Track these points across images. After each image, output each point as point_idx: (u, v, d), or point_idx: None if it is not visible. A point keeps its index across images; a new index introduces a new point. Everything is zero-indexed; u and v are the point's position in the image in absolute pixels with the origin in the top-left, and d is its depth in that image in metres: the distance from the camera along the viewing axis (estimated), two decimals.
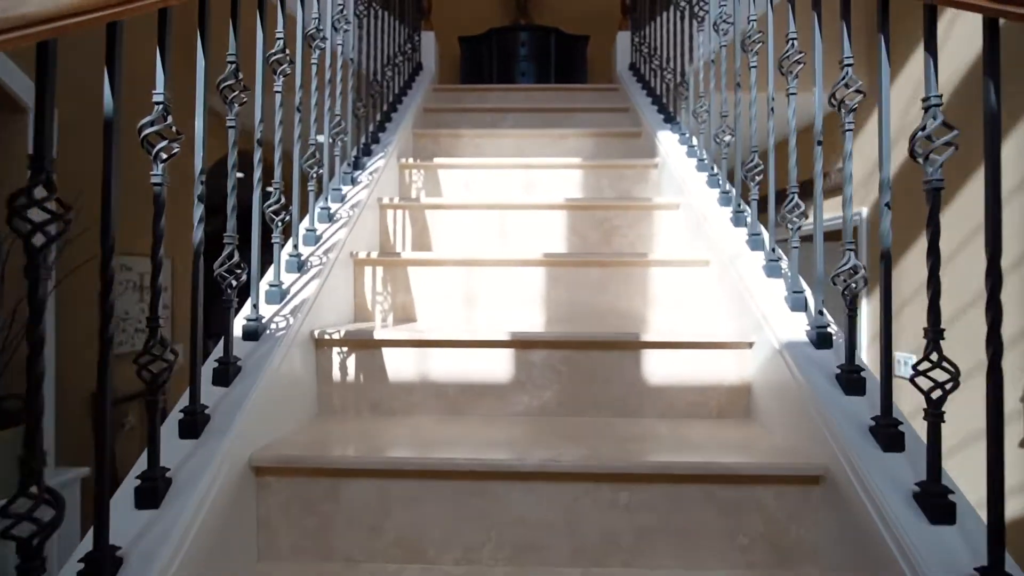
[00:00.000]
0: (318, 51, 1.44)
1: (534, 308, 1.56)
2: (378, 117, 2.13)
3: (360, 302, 1.57)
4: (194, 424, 0.92)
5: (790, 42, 1.19)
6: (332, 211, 1.56)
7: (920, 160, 0.81)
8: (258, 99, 1.13)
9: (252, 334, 1.12)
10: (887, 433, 0.89)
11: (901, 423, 0.90)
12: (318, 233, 1.46)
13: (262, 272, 1.23)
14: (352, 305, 1.56)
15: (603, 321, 1.55)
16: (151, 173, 0.80)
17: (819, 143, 1.10)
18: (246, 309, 1.15)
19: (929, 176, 0.79)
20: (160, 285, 0.81)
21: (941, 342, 0.79)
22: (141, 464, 0.84)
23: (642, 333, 1.27)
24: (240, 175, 1.04)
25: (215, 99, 1.10)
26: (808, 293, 1.21)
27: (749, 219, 1.47)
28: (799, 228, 1.20)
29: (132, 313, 2.67)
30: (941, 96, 0.81)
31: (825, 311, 1.12)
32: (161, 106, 0.81)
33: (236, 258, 1.03)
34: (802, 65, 1.18)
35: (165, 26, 0.82)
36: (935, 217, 0.79)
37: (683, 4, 2.05)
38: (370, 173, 1.80)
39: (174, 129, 0.82)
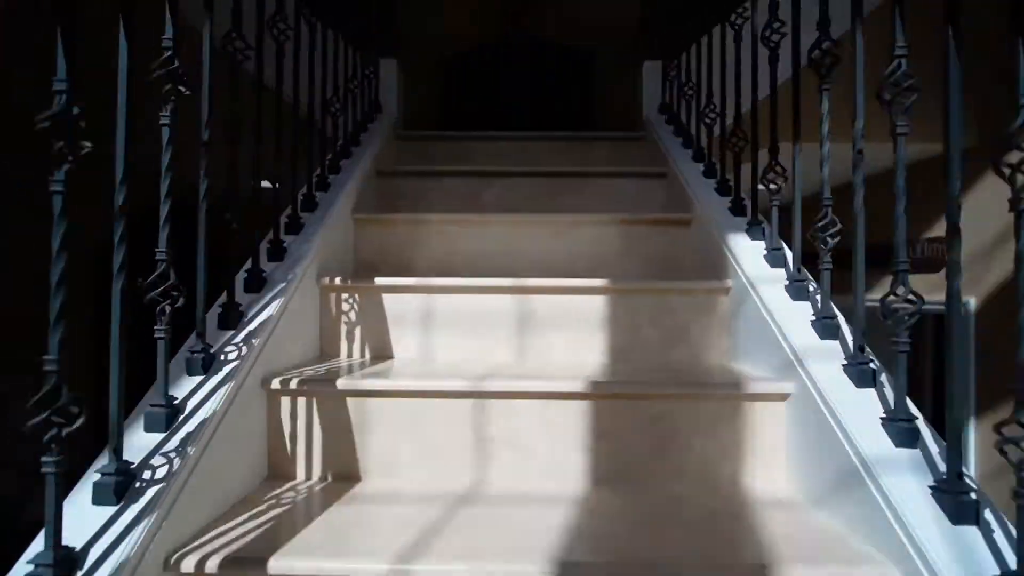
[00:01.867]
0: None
1: None
2: (284, 218, 1.35)
3: None
4: None
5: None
6: (133, 466, 0.78)
7: None
8: None
9: None
10: None
11: None
12: (76, 552, 0.67)
13: None
14: None
15: None
16: None
17: None
18: None
19: None
20: None
21: None
22: None
23: None
24: None
25: None
26: None
27: (939, 455, 0.71)
28: None
29: None
30: None
31: None
32: None
33: None
34: None
35: None
36: None
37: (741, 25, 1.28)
38: (246, 337, 1.02)
39: None
